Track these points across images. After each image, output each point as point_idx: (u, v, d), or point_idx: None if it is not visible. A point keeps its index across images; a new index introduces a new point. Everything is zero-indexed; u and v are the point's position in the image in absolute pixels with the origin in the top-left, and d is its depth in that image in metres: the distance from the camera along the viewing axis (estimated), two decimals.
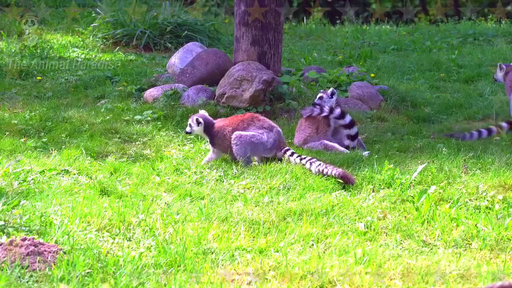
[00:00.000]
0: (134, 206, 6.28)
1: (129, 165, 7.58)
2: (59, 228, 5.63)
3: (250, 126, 7.82)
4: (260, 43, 10.48)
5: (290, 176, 7.18)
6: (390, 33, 17.74)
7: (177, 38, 14.20)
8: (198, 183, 7.15)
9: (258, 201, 6.58)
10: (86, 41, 14.15)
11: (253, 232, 5.87)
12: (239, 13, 10.52)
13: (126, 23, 14.33)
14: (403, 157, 7.90)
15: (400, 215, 6.23)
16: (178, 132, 8.76)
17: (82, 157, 7.69)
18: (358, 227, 5.95)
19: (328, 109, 8.28)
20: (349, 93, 10.32)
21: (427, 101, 10.62)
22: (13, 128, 8.44)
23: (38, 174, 7.11)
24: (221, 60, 10.65)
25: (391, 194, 6.63)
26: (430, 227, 5.97)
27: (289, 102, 9.80)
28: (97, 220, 5.87)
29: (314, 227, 5.94)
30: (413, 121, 9.77)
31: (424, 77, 12.54)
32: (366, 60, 13.59)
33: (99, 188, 6.72)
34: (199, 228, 5.87)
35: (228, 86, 9.65)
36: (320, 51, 14.96)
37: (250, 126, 7.82)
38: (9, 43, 12.60)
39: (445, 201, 6.47)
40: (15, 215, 5.76)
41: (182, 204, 6.51)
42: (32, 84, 10.62)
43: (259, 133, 7.75)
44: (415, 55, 14.64)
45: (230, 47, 13.02)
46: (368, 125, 9.39)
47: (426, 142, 8.60)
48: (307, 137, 8.44)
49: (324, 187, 6.89)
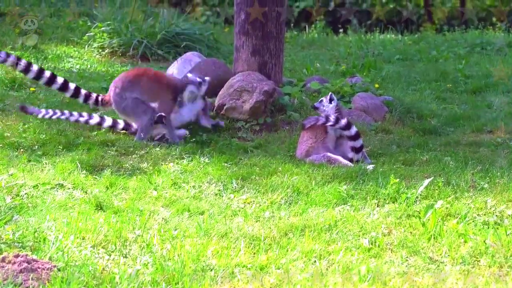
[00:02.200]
0: (130, 222, 6.28)
1: (125, 179, 7.58)
2: (53, 244, 5.63)
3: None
4: (261, 53, 10.50)
5: (291, 190, 7.19)
6: (395, 42, 17.79)
7: (175, 47, 14.23)
8: (196, 197, 7.16)
9: (259, 216, 6.59)
10: (82, 51, 14.18)
11: (253, 248, 5.87)
12: (239, 22, 10.55)
13: (123, 32, 14.36)
14: (409, 170, 7.90)
15: (406, 230, 6.22)
16: (175, 145, 8.76)
17: (77, 171, 7.68)
18: (362, 243, 5.94)
19: (334, 119, 8.29)
20: (353, 104, 10.32)
21: (433, 112, 10.63)
22: (6, 141, 8.43)
23: (32, 188, 7.11)
24: (221, 70, 10.66)
25: (397, 209, 6.62)
26: (437, 243, 5.96)
27: (291, 114, 9.81)
28: (93, 236, 5.87)
29: (316, 243, 5.93)
30: (419, 134, 9.76)
31: (430, 88, 12.55)
32: (370, 70, 13.62)
33: (94, 202, 6.72)
34: (197, 244, 5.86)
35: (227, 97, 9.65)
36: (323, 61, 15.00)
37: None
38: None
39: (452, 216, 6.46)
40: (7, 230, 5.76)
41: (180, 219, 6.51)
42: (26, 95, 10.63)
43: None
44: (421, 65, 14.67)
45: (230, 57, 13.04)
46: (372, 138, 9.39)
47: (432, 155, 8.60)
48: (309, 148, 8.45)
49: (327, 202, 6.89)
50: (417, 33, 20.34)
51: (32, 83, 11.19)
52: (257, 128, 9.52)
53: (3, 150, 8.17)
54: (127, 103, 9.00)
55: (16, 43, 13.23)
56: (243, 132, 9.41)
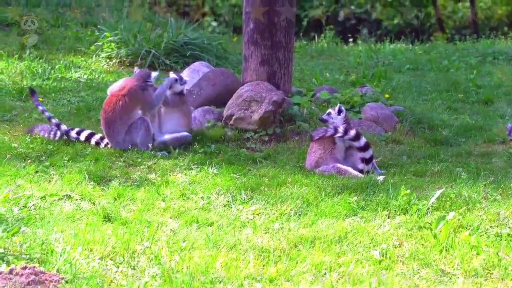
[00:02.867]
0: (138, 233, 6.28)
1: (133, 190, 7.59)
2: (61, 256, 5.63)
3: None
4: (270, 63, 10.51)
5: (301, 201, 7.18)
6: (406, 52, 17.80)
7: (183, 57, 14.26)
8: (205, 208, 7.16)
9: (268, 227, 6.58)
10: (89, 61, 14.22)
11: (263, 260, 5.86)
12: (248, 32, 10.57)
13: (130, 42, 14.40)
14: (420, 181, 7.88)
15: (417, 242, 6.21)
16: (184, 156, 8.76)
17: (85, 182, 7.69)
18: (373, 255, 5.93)
19: (343, 130, 8.29)
20: (363, 114, 10.32)
21: (444, 123, 10.61)
22: (13, 152, 8.46)
23: (39, 199, 7.12)
24: (229, 80, 10.68)
25: (408, 221, 6.61)
26: (449, 255, 5.95)
27: (300, 124, 9.80)
28: (100, 248, 5.88)
29: (326, 255, 5.93)
30: (430, 144, 9.74)
31: (441, 98, 12.55)
32: (380, 80, 13.61)
33: (102, 214, 6.73)
34: (206, 256, 5.86)
35: (236, 107, 9.65)
36: (332, 71, 15.01)
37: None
38: (10, 63, 12.65)
39: (464, 228, 6.45)
40: (15, 242, 5.77)
41: (188, 230, 6.51)
42: (33, 106, 10.64)
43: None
44: (432, 75, 14.67)
45: (238, 67, 13.06)
46: (382, 148, 9.38)
47: (444, 166, 8.58)
48: (318, 159, 8.44)
49: (337, 213, 6.88)
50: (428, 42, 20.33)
51: (40, 93, 11.24)
52: (266, 138, 9.52)
53: (11, 161, 8.19)
54: (119, 139, 8.94)
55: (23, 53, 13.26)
56: (252, 143, 9.41)
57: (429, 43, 19.92)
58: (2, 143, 8.77)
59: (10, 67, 12.53)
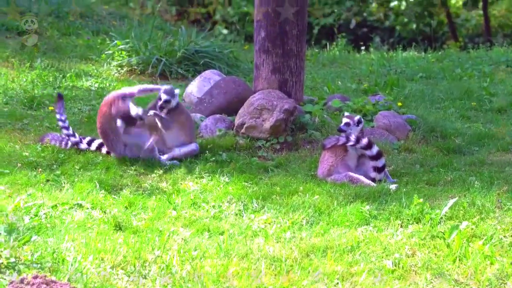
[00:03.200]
0: (149, 242, 6.29)
1: (144, 198, 7.61)
2: (72, 265, 5.66)
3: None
4: (281, 71, 10.53)
5: (313, 210, 7.18)
6: (418, 60, 17.77)
7: (194, 65, 14.28)
8: (216, 217, 7.17)
9: (280, 236, 6.58)
10: (100, 69, 14.27)
11: (274, 269, 5.87)
12: (259, 40, 10.59)
13: (141, 50, 14.44)
14: (433, 190, 7.87)
15: (430, 252, 6.20)
16: (195, 164, 8.78)
17: (96, 191, 7.72)
18: (385, 265, 5.93)
19: (355, 139, 8.28)
20: (375, 122, 10.32)
21: (457, 131, 10.59)
22: (25, 161, 8.50)
23: (50, 208, 7.14)
24: (241, 88, 10.70)
25: (420, 230, 6.60)
26: (462, 265, 5.93)
27: (312, 133, 9.81)
28: (112, 257, 5.90)
29: (339, 265, 5.92)
30: (443, 153, 9.72)
31: (454, 106, 12.52)
32: (392, 88, 13.61)
33: (113, 223, 6.75)
34: (218, 265, 5.87)
35: (247, 116, 9.66)
36: (344, 79, 15.01)
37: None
38: (21, 72, 12.71)
39: (478, 237, 6.43)
40: (26, 251, 5.79)
41: (200, 239, 6.52)
42: (44, 115, 10.70)
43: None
44: (445, 83, 14.64)
45: (250, 75, 13.08)
46: (395, 157, 9.37)
47: (457, 175, 8.56)
48: (330, 167, 8.44)
49: (349, 222, 6.88)
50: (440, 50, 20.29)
51: (51, 102, 11.28)
52: (278, 147, 9.52)
53: (22, 170, 8.23)
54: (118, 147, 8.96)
55: (34, 62, 13.32)
56: (263, 151, 9.42)
57: (442, 51, 19.87)
58: (13, 152, 8.81)
59: (21, 75, 12.57)
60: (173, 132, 9.08)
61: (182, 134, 9.13)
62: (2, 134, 9.57)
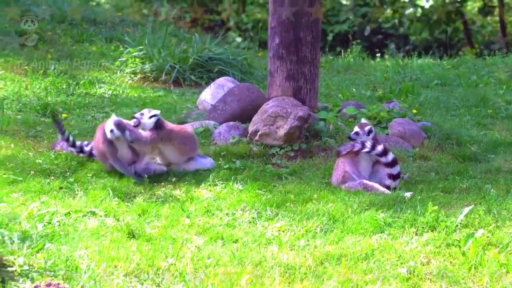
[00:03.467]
0: (163, 250, 6.31)
1: (158, 206, 7.63)
2: (85, 272, 5.68)
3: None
4: (296, 78, 10.53)
5: (327, 218, 7.19)
6: (434, 66, 17.72)
7: (208, 72, 14.31)
8: (230, 225, 7.18)
9: (294, 244, 6.59)
10: (113, 76, 14.32)
11: (288, 277, 5.87)
12: (273, 47, 10.60)
13: (155, 57, 14.49)
14: (448, 198, 7.86)
15: (445, 260, 6.19)
16: (209, 171, 8.80)
17: (109, 198, 7.75)
18: (400, 273, 5.92)
19: (370, 146, 8.28)
20: (390, 130, 10.31)
21: (473, 139, 10.56)
22: (38, 168, 8.54)
23: (64, 216, 7.17)
24: (254, 95, 10.71)
25: (436, 238, 6.59)
26: (478, 273, 5.92)
27: (326, 140, 9.81)
28: (125, 265, 5.92)
29: (353, 273, 5.92)
30: (458, 160, 9.69)
31: (470, 114, 12.49)
32: (407, 95, 13.58)
33: (126, 230, 6.77)
34: (231, 273, 5.88)
35: (261, 123, 9.67)
36: (359, 86, 14.99)
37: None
38: (34, 79, 12.77)
39: (493, 245, 6.42)
40: (39, 259, 5.82)
41: (213, 247, 6.53)
42: None
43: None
44: (460, 90, 14.60)
45: (264, 82, 13.09)
46: (410, 164, 9.36)
47: (472, 182, 8.54)
48: (344, 174, 8.44)
49: (363, 230, 6.88)
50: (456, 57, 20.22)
51: (64, 109, 11.33)
52: (292, 154, 9.53)
53: (35, 177, 8.26)
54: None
55: (48, 69, 13.38)
56: (277, 159, 9.42)
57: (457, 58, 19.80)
58: (27, 159, 8.85)
59: (34, 82, 12.63)
60: (167, 152, 8.96)
61: (177, 153, 9.00)
62: (16, 141, 9.61)
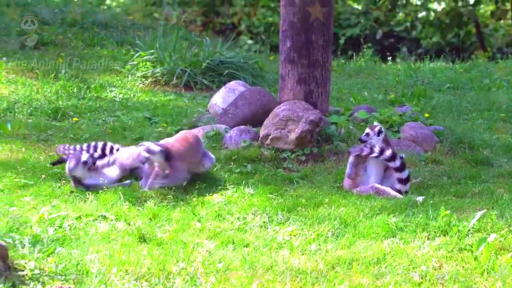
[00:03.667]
0: (174, 254, 6.33)
1: (169, 210, 7.64)
2: (96, 276, 5.70)
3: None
4: (307, 81, 10.53)
5: (339, 222, 7.19)
6: (446, 70, 17.68)
7: (219, 76, 14.30)
8: (241, 229, 7.19)
9: (305, 249, 6.59)
10: (124, 80, 14.33)
11: (299, 282, 5.88)
12: (285, 50, 10.61)
13: (166, 61, 14.50)
14: (460, 202, 7.85)
15: (458, 265, 6.18)
16: (220, 175, 8.81)
17: (120, 202, 7.76)
18: (412, 278, 5.92)
19: (379, 150, 8.28)
20: (402, 134, 10.29)
21: (486, 143, 10.53)
22: (49, 172, 8.56)
23: (75, 220, 7.19)
24: (266, 99, 10.71)
25: (448, 242, 6.59)
26: (491, 278, 5.91)
27: (338, 144, 9.80)
28: (136, 269, 5.93)
29: (365, 277, 5.92)
30: (470, 164, 9.67)
31: (482, 118, 12.46)
32: (419, 99, 13.56)
33: (137, 234, 6.79)
34: (242, 277, 5.89)
35: (272, 127, 9.67)
36: (371, 90, 14.97)
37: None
38: (45, 83, 12.80)
39: (506, 250, 6.41)
40: (50, 263, 5.85)
41: (224, 251, 6.54)
42: (69, 126, 10.77)
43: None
44: (473, 94, 14.56)
45: (275, 86, 13.09)
46: (422, 168, 9.34)
47: (485, 186, 8.53)
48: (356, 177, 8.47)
49: (375, 234, 6.88)
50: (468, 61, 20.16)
51: (75, 113, 11.36)
52: (303, 158, 9.52)
53: (46, 181, 8.29)
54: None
55: (59, 72, 13.41)
56: (288, 163, 9.42)
57: (470, 62, 19.75)
58: (38, 163, 8.88)
59: (45, 86, 12.66)
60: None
61: (175, 172, 8.62)
62: (27, 145, 9.64)
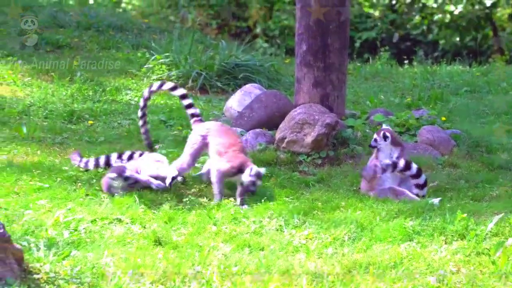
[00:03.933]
0: (189, 257, 6.33)
1: (184, 213, 7.65)
2: (112, 280, 5.71)
3: None
4: (323, 85, 10.52)
5: (355, 226, 7.17)
6: (463, 74, 17.61)
7: (235, 79, 14.30)
8: (257, 233, 7.18)
9: (321, 252, 6.59)
10: (140, 83, 14.36)
11: (316, 285, 5.87)
12: (301, 53, 10.60)
13: (181, 64, 14.52)
14: (478, 206, 7.82)
15: (475, 269, 6.16)
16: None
17: (135, 205, 7.77)
18: (429, 282, 5.90)
19: (392, 166, 8.28)
20: (418, 137, 10.27)
21: (503, 146, 10.49)
22: (64, 175, 8.58)
23: (90, 223, 7.21)
24: (281, 102, 10.71)
25: (465, 246, 6.56)
26: (508, 282, 5.89)
27: (354, 147, 9.79)
28: (151, 272, 5.93)
29: (381, 281, 5.91)
30: (488, 168, 9.64)
31: (500, 121, 12.41)
32: (436, 102, 13.51)
33: (153, 238, 6.79)
34: (258, 281, 5.88)
35: (288, 130, 9.67)
36: (387, 93, 14.93)
37: None
38: (61, 86, 12.84)
39: None
40: (65, 266, 5.86)
41: (240, 255, 6.54)
42: (84, 129, 10.80)
43: None
44: (490, 97, 14.49)
45: (291, 89, 13.07)
46: (439, 172, 9.32)
47: (502, 190, 8.49)
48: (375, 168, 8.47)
49: (392, 238, 6.86)
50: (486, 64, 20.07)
51: (91, 116, 11.39)
52: (319, 161, 9.52)
53: (61, 184, 8.31)
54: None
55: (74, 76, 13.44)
56: (304, 166, 9.42)
57: (487, 65, 19.66)
58: (53, 166, 8.90)
59: (61, 89, 12.70)
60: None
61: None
62: (42, 148, 9.68)
